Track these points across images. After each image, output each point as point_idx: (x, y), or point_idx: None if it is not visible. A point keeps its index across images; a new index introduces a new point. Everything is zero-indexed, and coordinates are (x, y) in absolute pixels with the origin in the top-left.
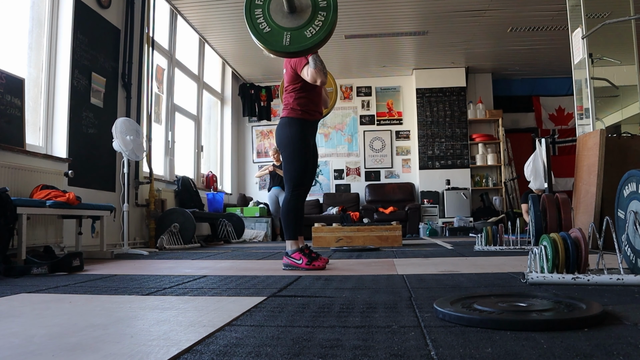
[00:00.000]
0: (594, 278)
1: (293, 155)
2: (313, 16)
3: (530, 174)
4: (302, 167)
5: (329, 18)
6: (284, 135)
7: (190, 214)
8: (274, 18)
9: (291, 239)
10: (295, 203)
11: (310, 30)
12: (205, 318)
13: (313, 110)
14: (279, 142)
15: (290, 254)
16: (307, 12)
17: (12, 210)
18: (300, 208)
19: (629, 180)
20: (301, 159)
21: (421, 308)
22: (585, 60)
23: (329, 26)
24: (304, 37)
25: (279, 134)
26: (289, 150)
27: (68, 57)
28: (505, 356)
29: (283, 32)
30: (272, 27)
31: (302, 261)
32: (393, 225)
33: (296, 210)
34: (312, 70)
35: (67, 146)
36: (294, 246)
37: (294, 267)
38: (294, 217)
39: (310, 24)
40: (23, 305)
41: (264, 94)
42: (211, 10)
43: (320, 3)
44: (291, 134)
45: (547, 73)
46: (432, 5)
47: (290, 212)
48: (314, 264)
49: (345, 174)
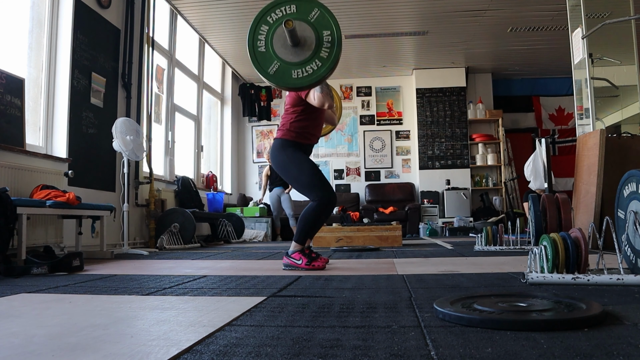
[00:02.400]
0: (594, 278)
1: (297, 167)
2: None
3: (530, 174)
4: (312, 168)
5: (320, 70)
6: (280, 158)
7: (190, 214)
8: (274, 43)
9: (298, 243)
10: (324, 207)
11: (298, 72)
12: (205, 318)
13: (310, 135)
14: (276, 166)
15: (290, 254)
16: (307, 53)
17: (12, 210)
18: (322, 219)
19: (629, 180)
20: (306, 164)
21: (421, 308)
22: (585, 60)
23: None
24: (289, 75)
25: (275, 158)
26: (291, 166)
27: (68, 57)
28: (505, 356)
29: (274, 60)
30: (267, 49)
31: (302, 261)
32: (393, 225)
33: (316, 220)
34: (319, 95)
35: (67, 146)
36: (296, 248)
37: (294, 267)
38: (311, 225)
39: (302, 66)
40: (23, 305)
41: (264, 94)
42: (211, 10)
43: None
44: (287, 154)
45: (547, 73)
46: (432, 5)
47: (310, 219)
48: (313, 264)
49: (345, 174)
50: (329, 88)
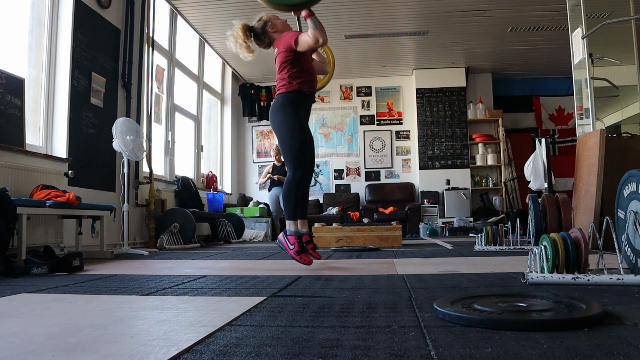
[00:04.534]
0: (594, 278)
1: (290, 133)
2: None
3: (530, 174)
4: (301, 143)
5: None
6: (278, 115)
7: (190, 214)
8: None
9: (290, 219)
10: (296, 183)
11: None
12: (205, 318)
13: (309, 80)
14: (273, 121)
15: (288, 234)
16: None
17: (12, 210)
18: (303, 189)
19: (629, 180)
20: (298, 135)
21: (421, 308)
22: (585, 60)
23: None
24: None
25: (273, 117)
26: (285, 129)
27: (68, 57)
28: (505, 356)
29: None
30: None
31: (294, 247)
32: (393, 225)
33: (297, 190)
34: (312, 31)
35: (67, 146)
36: (292, 227)
37: (284, 248)
38: (294, 197)
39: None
40: (23, 305)
41: (264, 94)
42: (211, 10)
43: None
44: (286, 115)
45: (547, 73)
46: (432, 5)
47: (290, 192)
48: (300, 256)
49: (345, 174)
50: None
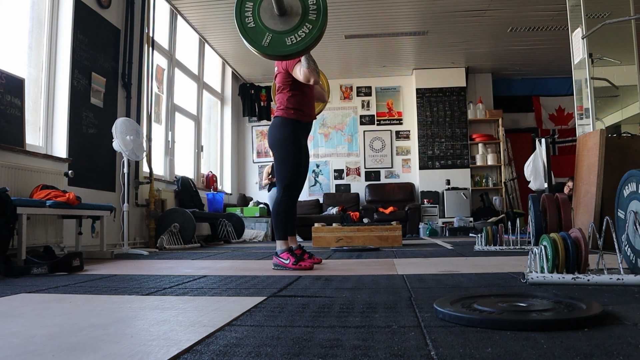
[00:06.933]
0: (594, 278)
1: (286, 155)
2: (299, 25)
3: (530, 174)
4: (295, 168)
5: (312, 32)
6: (277, 136)
7: (190, 214)
8: (262, 16)
9: (281, 239)
10: (286, 204)
11: (291, 38)
12: (205, 318)
13: (307, 109)
14: (271, 142)
15: (279, 253)
16: (295, 20)
17: (12, 210)
18: (292, 209)
19: (629, 180)
20: (294, 159)
21: (421, 308)
22: (585, 60)
23: (311, 40)
24: (283, 43)
25: (272, 134)
26: (282, 151)
27: (68, 57)
28: (505, 356)
29: (265, 33)
30: (256, 24)
31: (290, 261)
32: (393, 225)
33: (286, 211)
34: (304, 70)
35: (67, 146)
36: (283, 246)
37: (282, 266)
38: (284, 218)
39: (293, 32)
40: (23, 305)
41: (264, 94)
42: (211, 10)
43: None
44: (284, 134)
45: (547, 73)
46: (432, 5)
47: (280, 213)
48: (300, 264)
49: (345, 174)
50: (315, 63)
